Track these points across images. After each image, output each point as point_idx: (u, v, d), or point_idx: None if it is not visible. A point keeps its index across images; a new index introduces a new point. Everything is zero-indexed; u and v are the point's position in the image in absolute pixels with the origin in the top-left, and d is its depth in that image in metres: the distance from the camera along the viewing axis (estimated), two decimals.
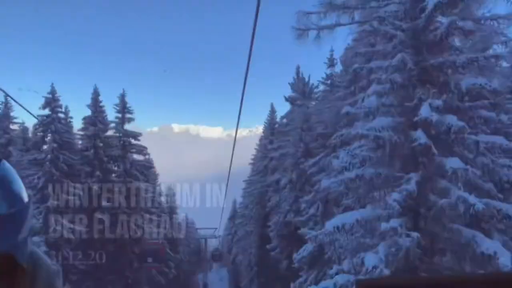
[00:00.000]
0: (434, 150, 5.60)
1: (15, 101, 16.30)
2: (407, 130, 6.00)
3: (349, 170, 6.50)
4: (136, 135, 24.71)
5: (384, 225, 5.70)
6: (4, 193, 0.80)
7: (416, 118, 5.72)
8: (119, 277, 23.22)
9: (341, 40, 12.00)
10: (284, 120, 22.44)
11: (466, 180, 5.47)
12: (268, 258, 23.43)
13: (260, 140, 34.51)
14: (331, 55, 15.09)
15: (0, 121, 19.76)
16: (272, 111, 30.64)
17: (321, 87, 18.75)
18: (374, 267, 5.60)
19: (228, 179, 18.14)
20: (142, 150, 25.54)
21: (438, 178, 5.73)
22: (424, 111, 5.60)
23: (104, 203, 21.94)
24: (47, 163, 19.65)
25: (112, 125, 23.72)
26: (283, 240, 19.76)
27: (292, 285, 14.08)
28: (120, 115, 24.04)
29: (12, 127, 22.46)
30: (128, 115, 24.34)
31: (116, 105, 24.20)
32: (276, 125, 27.82)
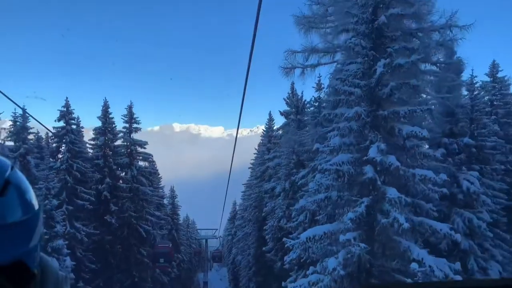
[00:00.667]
0: (379, 182, 7.56)
1: (30, 116, 18.23)
2: (361, 165, 7.94)
3: (319, 193, 8.47)
4: (142, 144, 26.78)
5: (341, 237, 7.66)
6: (19, 200, 0.82)
7: (365, 157, 7.68)
8: (126, 276, 25.27)
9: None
10: (280, 132, 24.37)
11: (404, 204, 7.42)
12: (265, 259, 25.21)
13: (259, 146, 36.23)
14: (319, 80, 17.06)
15: (18, 132, 21.70)
16: (270, 119, 32.31)
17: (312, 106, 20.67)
18: (334, 269, 7.57)
19: (228, 182, 19.69)
20: (147, 157, 27.63)
21: (384, 202, 7.66)
22: (372, 152, 7.55)
23: (113, 207, 24.03)
24: (62, 171, 21.67)
25: (120, 134, 25.78)
26: (277, 243, 21.65)
27: (283, 283, 16.07)
28: (127, 125, 26.12)
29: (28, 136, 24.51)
30: (134, 125, 26.43)
31: (124, 115, 26.29)
32: (274, 132, 29.65)
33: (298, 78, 12.10)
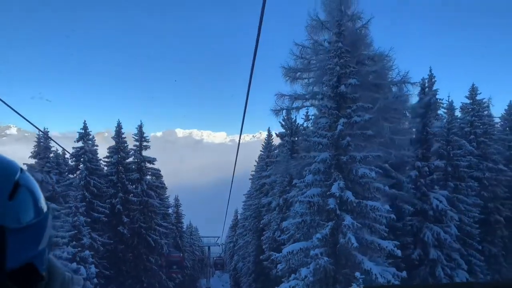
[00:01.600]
0: (338, 211, 10.25)
1: (51, 139, 20.95)
2: (327, 197, 10.62)
3: (296, 218, 11.19)
4: (151, 160, 29.60)
5: (312, 252, 10.36)
6: (29, 203, 0.83)
7: (329, 192, 10.38)
8: (136, 281, 28.00)
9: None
10: (276, 151, 27.11)
11: (356, 228, 10.10)
12: (263, 266, 27.78)
13: (259, 159, 38.80)
14: (307, 112, 19.80)
15: (43, 152, 24.58)
16: (269, 136, 34.96)
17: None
18: (305, 276, 10.25)
19: (230, 191, 21.70)
20: (156, 172, 30.45)
21: (342, 226, 10.32)
22: (334, 188, 10.24)
23: (125, 219, 26.80)
24: (81, 187, 24.49)
25: (131, 152, 28.62)
26: (272, 253, 24.32)
27: None
28: (138, 143, 28.97)
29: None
30: (144, 143, 29.28)
31: (135, 134, 29.14)
32: (272, 149, 32.36)
33: (285, 116, 14.92)
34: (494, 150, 28.76)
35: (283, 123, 25.44)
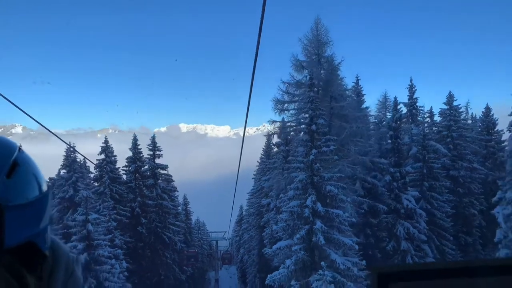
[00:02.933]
0: (311, 218, 14.25)
1: (78, 152, 25.03)
2: (303, 208, 14.58)
3: (282, 223, 15.23)
4: (163, 167, 33.78)
5: (293, 248, 14.41)
6: (27, 181, 0.85)
7: (305, 204, 14.38)
8: (154, 274, 32.34)
9: None
10: (273, 159, 31.11)
11: (323, 230, 14.10)
12: (265, 258, 31.98)
13: (260, 163, 42.62)
14: (289, 137, 23.58)
15: (70, 164, 28.78)
16: (269, 140, 38.73)
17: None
18: (288, 266, 14.28)
19: (235, 190, 23.97)
20: (168, 178, 34.65)
21: (314, 229, 14.29)
22: (308, 201, 14.22)
23: (143, 220, 31.04)
24: (105, 194, 28.71)
25: (146, 160, 32.80)
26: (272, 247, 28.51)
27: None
28: (151, 153, 33.13)
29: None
30: (157, 152, 33.42)
31: (149, 145, 33.29)
32: (271, 154, 36.26)
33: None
34: (468, 151, 32.78)
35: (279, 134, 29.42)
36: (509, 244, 15.45)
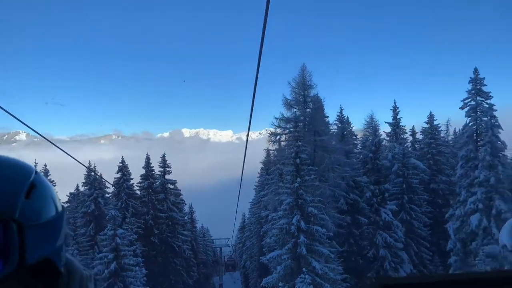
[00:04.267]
0: (296, 233, 18.25)
1: (97, 174, 29.48)
2: (290, 225, 18.58)
3: (273, 237, 19.31)
4: (172, 182, 37.94)
5: (283, 257, 18.46)
6: (44, 202, 0.91)
7: (291, 222, 18.42)
8: (165, 279, 36.39)
9: None
10: (271, 175, 35.17)
11: (307, 243, 18.11)
12: (265, 265, 35.95)
13: (260, 174, 46.44)
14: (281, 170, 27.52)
15: (92, 182, 32.99)
16: (268, 154, 42.68)
17: None
18: (279, 271, 18.31)
19: (238, 198, 27.55)
20: (176, 192, 38.80)
21: (299, 242, 18.25)
22: (294, 220, 18.26)
23: (155, 230, 35.14)
24: (122, 209, 32.87)
25: (157, 177, 36.98)
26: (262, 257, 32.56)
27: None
28: (162, 169, 37.30)
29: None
30: (167, 169, 37.59)
31: (159, 162, 37.46)
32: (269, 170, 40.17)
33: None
34: (447, 165, 36.87)
35: (276, 153, 33.50)
36: (458, 252, 19.35)
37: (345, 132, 26.88)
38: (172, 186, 37.95)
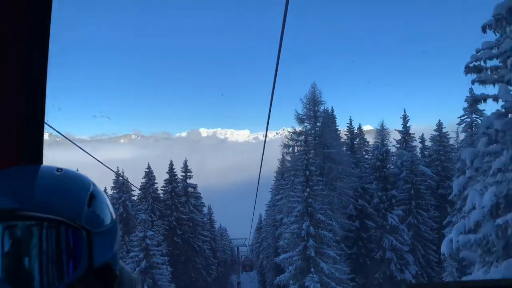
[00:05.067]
0: (306, 237, 20.64)
1: (127, 180, 32.14)
2: (301, 230, 20.95)
3: (286, 240, 21.73)
4: (193, 186, 40.77)
5: (293, 258, 20.90)
6: (103, 210, 1.00)
7: (302, 227, 20.81)
8: (187, 277, 39.22)
9: None
10: (285, 180, 37.58)
11: (315, 246, 20.46)
12: (280, 265, 38.38)
13: (276, 178, 48.73)
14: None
15: (120, 186, 36.05)
16: (283, 160, 44.96)
17: None
18: (291, 271, 20.75)
19: (255, 200, 29.53)
20: (197, 195, 41.63)
21: (308, 245, 20.61)
22: (304, 225, 20.65)
23: (178, 231, 38.00)
24: (148, 211, 35.83)
25: (180, 181, 39.86)
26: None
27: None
28: (184, 174, 40.18)
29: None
30: (188, 174, 40.44)
31: (182, 168, 40.34)
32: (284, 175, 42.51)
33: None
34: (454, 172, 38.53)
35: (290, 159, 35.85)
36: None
37: (354, 142, 29.09)
38: (193, 190, 40.75)
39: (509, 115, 11.92)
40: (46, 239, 0.86)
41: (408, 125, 39.81)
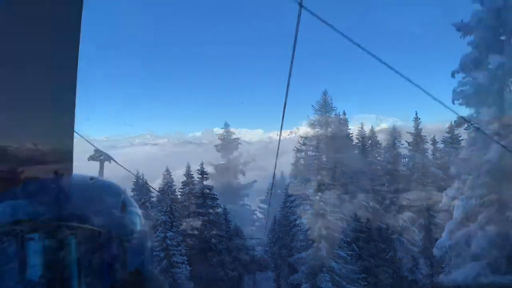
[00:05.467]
0: (318, 238, 21.84)
1: (147, 184, 33.87)
2: (313, 231, 22.17)
3: (300, 240, 22.99)
4: (209, 188, 42.22)
5: (307, 258, 22.11)
6: (135, 216, 1.04)
7: (313, 228, 22.07)
8: (204, 276, 40.64)
9: None
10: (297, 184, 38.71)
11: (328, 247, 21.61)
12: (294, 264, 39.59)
13: (289, 181, 49.68)
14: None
15: (141, 189, 37.71)
16: (296, 164, 45.90)
17: None
18: (303, 270, 21.94)
19: (270, 201, 30.99)
20: (213, 196, 43.07)
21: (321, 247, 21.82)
22: (315, 227, 21.87)
23: (196, 232, 39.50)
24: (168, 213, 37.37)
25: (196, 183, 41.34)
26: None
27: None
28: (200, 176, 41.65)
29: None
30: (205, 176, 41.89)
31: (198, 170, 41.81)
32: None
33: None
34: None
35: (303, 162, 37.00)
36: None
37: (366, 146, 30.11)
38: (209, 191, 42.20)
39: None
40: (82, 248, 0.90)
41: (419, 127, 40.55)
